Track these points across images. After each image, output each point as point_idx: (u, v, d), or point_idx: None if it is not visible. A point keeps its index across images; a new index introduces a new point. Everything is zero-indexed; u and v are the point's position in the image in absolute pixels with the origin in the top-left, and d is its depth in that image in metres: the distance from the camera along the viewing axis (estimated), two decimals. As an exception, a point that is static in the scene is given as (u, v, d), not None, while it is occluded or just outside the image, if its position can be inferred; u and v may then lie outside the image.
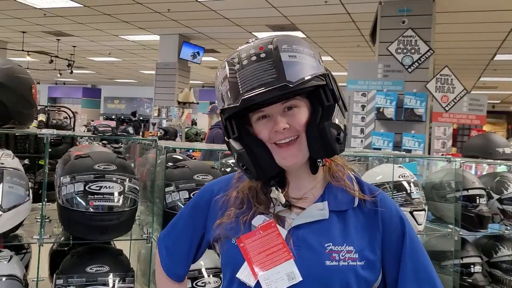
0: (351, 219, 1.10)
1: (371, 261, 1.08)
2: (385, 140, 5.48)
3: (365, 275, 1.06)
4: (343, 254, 1.05)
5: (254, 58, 1.02)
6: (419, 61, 5.62)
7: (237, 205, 1.15)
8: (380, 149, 5.35)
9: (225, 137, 1.11)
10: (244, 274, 1.06)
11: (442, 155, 4.87)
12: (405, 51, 5.67)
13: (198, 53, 10.84)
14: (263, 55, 1.01)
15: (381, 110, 5.50)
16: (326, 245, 1.06)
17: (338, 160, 1.17)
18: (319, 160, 1.09)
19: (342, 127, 1.06)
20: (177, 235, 1.26)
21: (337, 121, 1.05)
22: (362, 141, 5.66)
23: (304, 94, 1.07)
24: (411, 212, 2.41)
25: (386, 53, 5.73)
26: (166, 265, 1.27)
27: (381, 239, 1.10)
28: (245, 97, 0.99)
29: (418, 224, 2.42)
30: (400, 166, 2.62)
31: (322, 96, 1.06)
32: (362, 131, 5.67)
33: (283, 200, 1.09)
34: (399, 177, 2.51)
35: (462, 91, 5.39)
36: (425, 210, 2.47)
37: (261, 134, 1.08)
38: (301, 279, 1.03)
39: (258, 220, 1.10)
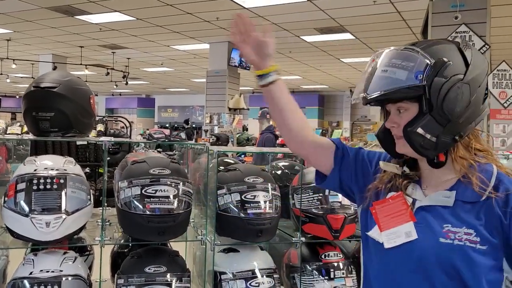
0: (477, 209, 1.17)
1: (494, 246, 1.14)
2: (440, 140, 5.31)
3: (483, 260, 1.13)
4: (460, 235, 1.15)
5: (369, 68, 1.24)
6: (474, 57, 5.40)
7: (385, 176, 1.34)
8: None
9: None
10: (375, 233, 1.26)
11: (503, 153, 4.63)
12: (459, 47, 5.47)
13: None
14: (370, 68, 1.24)
15: (435, 108, 5.33)
16: (444, 225, 1.17)
17: (482, 159, 1.23)
18: (433, 159, 1.22)
19: (428, 136, 1.18)
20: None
21: (418, 130, 1.17)
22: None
23: (414, 99, 1.18)
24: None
25: (439, 50, 5.55)
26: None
27: (507, 230, 1.15)
28: (353, 97, 1.29)
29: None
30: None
31: (422, 104, 1.18)
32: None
33: (390, 168, 1.30)
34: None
35: (522, 86, 5.14)
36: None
37: None
38: (416, 237, 1.18)
39: (391, 194, 1.30)
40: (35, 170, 1.90)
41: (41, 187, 1.85)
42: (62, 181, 1.89)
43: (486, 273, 1.14)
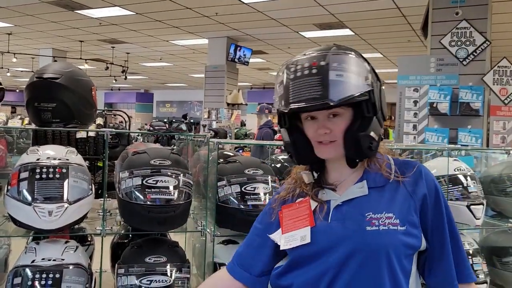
0: (390, 192, 1.24)
1: (413, 226, 1.21)
2: (439, 136, 5.31)
3: (407, 239, 1.19)
4: (383, 220, 1.18)
5: (306, 72, 1.15)
6: (474, 53, 5.39)
7: (292, 185, 1.37)
8: (434, 145, 5.19)
9: (279, 125, 1.28)
10: (276, 236, 1.30)
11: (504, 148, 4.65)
12: (459, 43, 5.46)
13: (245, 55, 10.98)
14: (314, 71, 1.14)
15: (434, 105, 5.34)
16: (366, 214, 1.20)
17: (380, 150, 1.29)
18: (357, 160, 1.25)
19: (377, 138, 1.21)
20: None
21: (371, 133, 1.19)
22: (415, 137, 5.52)
23: (348, 104, 1.17)
24: (468, 206, 2.34)
25: (439, 47, 5.54)
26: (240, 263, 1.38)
27: (419, 207, 1.23)
28: (292, 106, 1.17)
29: (476, 219, 2.34)
30: (455, 159, 2.55)
31: (364, 108, 1.18)
32: (414, 127, 5.53)
33: (305, 179, 1.30)
34: (454, 170, 2.44)
35: (522, 83, 5.14)
36: (483, 204, 2.38)
37: (307, 132, 1.25)
38: (308, 241, 1.21)
39: (299, 200, 1.31)
40: (37, 160, 1.92)
41: (44, 176, 1.86)
42: (64, 170, 1.90)
43: (409, 252, 1.20)
